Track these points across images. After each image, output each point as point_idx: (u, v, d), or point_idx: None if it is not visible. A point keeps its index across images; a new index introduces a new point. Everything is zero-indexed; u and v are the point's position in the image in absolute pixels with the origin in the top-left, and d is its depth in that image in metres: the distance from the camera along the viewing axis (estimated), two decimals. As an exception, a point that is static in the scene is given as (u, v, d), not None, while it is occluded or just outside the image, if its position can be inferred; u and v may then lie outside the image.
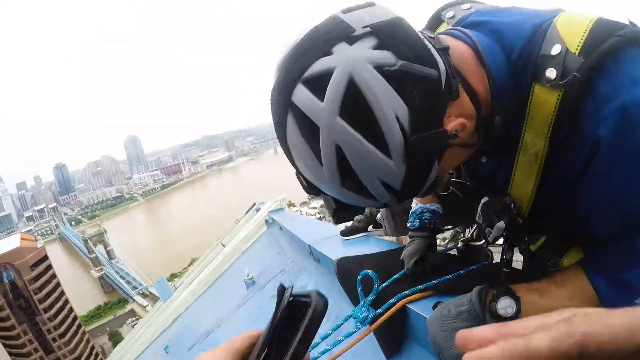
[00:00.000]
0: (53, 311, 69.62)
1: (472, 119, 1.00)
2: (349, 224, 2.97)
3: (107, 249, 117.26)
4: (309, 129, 0.86)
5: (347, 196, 0.96)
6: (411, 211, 1.80)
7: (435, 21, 1.30)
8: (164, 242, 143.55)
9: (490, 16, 1.11)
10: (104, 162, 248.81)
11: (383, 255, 2.21)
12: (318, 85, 0.83)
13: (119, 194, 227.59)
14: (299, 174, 1.00)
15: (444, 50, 0.96)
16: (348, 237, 2.90)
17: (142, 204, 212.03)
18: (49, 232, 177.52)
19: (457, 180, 1.42)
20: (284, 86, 0.87)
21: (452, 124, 0.92)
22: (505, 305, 1.05)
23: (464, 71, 1.00)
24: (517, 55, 1.01)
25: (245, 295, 4.03)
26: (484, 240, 1.59)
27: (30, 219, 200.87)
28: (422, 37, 0.92)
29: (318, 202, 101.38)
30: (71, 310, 74.47)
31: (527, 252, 1.39)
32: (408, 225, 1.78)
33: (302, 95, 0.84)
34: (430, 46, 0.92)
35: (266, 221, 5.62)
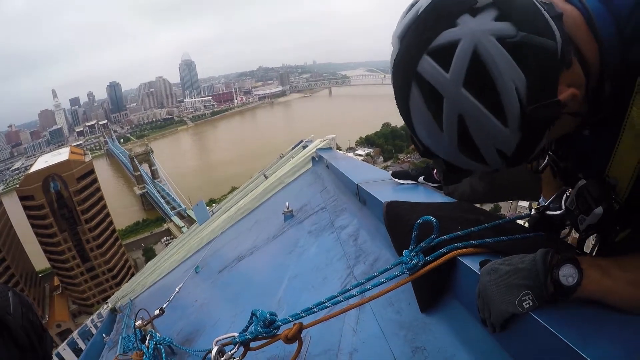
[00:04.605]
0: (94, 223, 74.59)
1: (581, 87, 1.00)
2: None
3: (152, 168, 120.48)
4: (433, 98, 0.92)
5: (461, 161, 1.02)
6: None
7: None
8: (206, 168, 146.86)
9: None
10: (158, 84, 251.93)
11: (436, 206, 2.13)
12: (444, 57, 0.89)
13: (169, 116, 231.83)
14: (414, 137, 1.07)
15: (558, 18, 0.97)
16: (400, 181, 2.83)
17: (190, 128, 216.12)
18: (97, 147, 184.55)
19: (554, 158, 1.38)
20: (410, 56, 0.94)
21: (564, 93, 0.94)
22: (567, 273, 1.02)
23: (576, 38, 1.00)
24: (625, 20, 0.98)
25: (282, 227, 4.05)
26: (563, 210, 1.36)
27: (80, 133, 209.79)
28: (538, 5, 0.94)
29: (364, 150, 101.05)
30: (111, 223, 79.70)
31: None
32: None
33: (427, 66, 0.90)
34: (547, 15, 0.94)
35: (313, 158, 5.58)
